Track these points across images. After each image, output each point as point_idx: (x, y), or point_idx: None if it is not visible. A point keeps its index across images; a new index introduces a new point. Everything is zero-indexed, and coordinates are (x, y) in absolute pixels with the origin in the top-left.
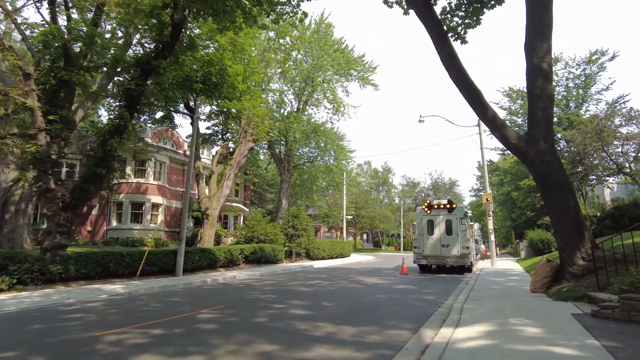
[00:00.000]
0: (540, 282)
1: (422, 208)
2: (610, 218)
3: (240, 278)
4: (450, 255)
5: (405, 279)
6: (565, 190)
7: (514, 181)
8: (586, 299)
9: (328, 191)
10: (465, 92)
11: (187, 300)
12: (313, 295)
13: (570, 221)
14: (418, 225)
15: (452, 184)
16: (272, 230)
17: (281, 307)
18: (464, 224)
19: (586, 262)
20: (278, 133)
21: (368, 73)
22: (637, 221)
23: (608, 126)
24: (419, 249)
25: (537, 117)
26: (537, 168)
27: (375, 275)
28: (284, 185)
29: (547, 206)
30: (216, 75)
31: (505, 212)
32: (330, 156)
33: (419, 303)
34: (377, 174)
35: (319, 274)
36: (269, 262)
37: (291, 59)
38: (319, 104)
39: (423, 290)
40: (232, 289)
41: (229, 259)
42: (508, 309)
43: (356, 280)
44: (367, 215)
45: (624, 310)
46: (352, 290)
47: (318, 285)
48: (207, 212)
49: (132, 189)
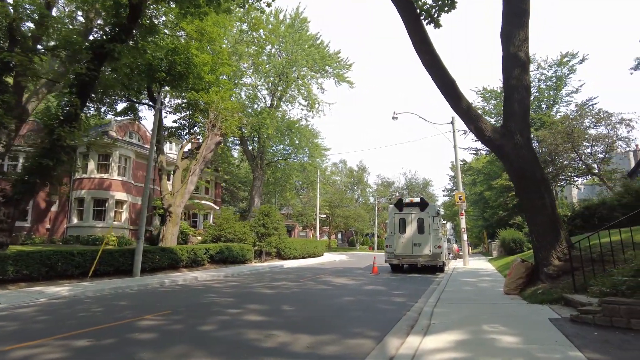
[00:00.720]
0: (514, 283)
1: (394, 206)
2: (581, 218)
3: (202, 279)
4: (422, 254)
5: (376, 279)
6: (542, 186)
7: (486, 181)
8: (562, 301)
9: (302, 190)
10: (438, 81)
11: (134, 304)
12: (275, 298)
13: (546, 219)
14: (390, 224)
15: (425, 183)
16: (240, 229)
17: (236, 312)
18: (436, 222)
19: (562, 262)
20: (250, 129)
21: (343, 70)
22: (606, 220)
23: (578, 127)
24: (390, 247)
25: (514, 109)
26: (512, 163)
27: (345, 276)
28: (257, 183)
29: (523, 203)
30: (181, 65)
31: (477, 211)
32: (305, 154)
33: (386, 306)
34: (352, 173)
35: (287, 274)
36: (236, 262)
37: (265, 53)
38: (294, 101)
39: (392, 291)
40: (189, 292)
41: (193, 259)
42: (481, 314)
43: (324, 281)
44: (342, 215)
45: (605, 315)
46: (318, 292)
47: (283, 287)
48: (170, 209)
49: (95, 185)
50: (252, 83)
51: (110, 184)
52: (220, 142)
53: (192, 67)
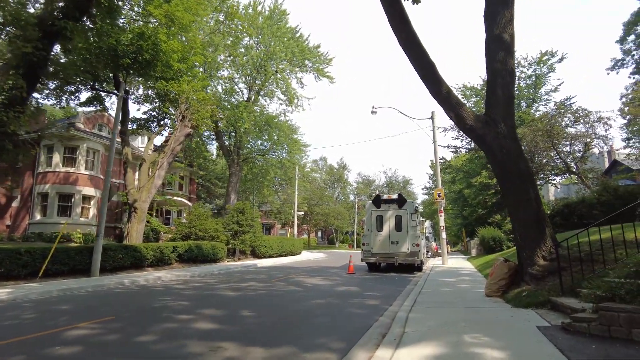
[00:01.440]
0: (496, 284)
1: (372, 202)
2: (560, 216)
3: (165, 279)
4: (399, 252)
5: (350, 279)
6: (527, 180)
7: (466, 179)
8: (549, 305)
9: (282, 187)
10: (416, 64)
11: (77, 308)
12: (236, 301)
13: (531, 216)
14: (367, 221)
15: (405, 182)
16: (213, 227)
17: (187, 318)
18: (415, 219)
19: (547, 262)
20: (226, 123)
21: (323, 65)
22: (586, 218)
23: (557, 125)
24: (367, 246)
25: (497, 96)
26: (495, 154)
27: (319, 275)
28: (233, 179)
29: (506, 198)
30: (148, 51)
31: (456, 209)
32: (284, 150)
33: (358, 310)
34: (332, 170)
35: (258, 274)
36: (207, 261)
37: (242, 45)
38: (272, 95)
39: (366, 292)
40: (145, 294)
41: (159, 258)
42: (461, 321)
43: (296, 281)
44: (321, 212)
45: (602, 324)
46: (286, 294)
47: (249, 288)
48: (135, 205)
49: (60, 179)
50: (229, 75)
51: (77, 178)
52: (190, 134)
53: (161, 54)
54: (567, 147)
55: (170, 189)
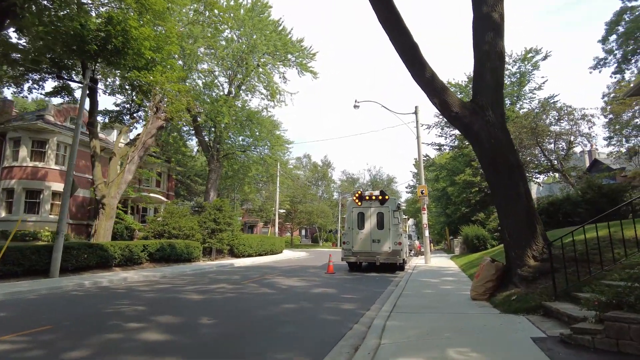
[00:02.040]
0: (483, 287)
1: (353, 199)
2: (546, 213)
3: (132, 280)
4: (381, 251)
5: (329, 279)
6: (516, 173)
7: (449, 177)
8: (541, 310)
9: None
10: (398, 44)
11: (14, 316)
12: (199, 306)
13: (521, 212)
14: (348, 219)
15: (390, 180)
16: (187, 224)
17: (137, 327)
18: (397, 217)
19: (539, 262)
20: (206, 117)
21: (307, 59)
22: (571, 216)
23: (542, 123)
24: (347, 244)
25: (485, 81)
26: (483, 144)
27: (296, 276)
28: (213, 176)
29: (494, 193)
30: (118, 38)
31: (440, 207)
32: (265, 146)
33: (331, 317)
34: (316, 168)
35: (232, 274)
36: (181, 260)
37: (223, 38)
38: (254, 90)
39: (344, 295)
40: (103, 297)
41: (128, 257)
42: (445, 330)
43: (271, 282)
44: (305, 210)
45: (609, 337)
46: (256, 297)
47: (218, 291)
48: (103, 201)
49: (27, 174)
50: (209, 68)
51: (46, 173)
52: (162, 127)
53: (132, 42)
54: (552, 144)
55: (147, 185)
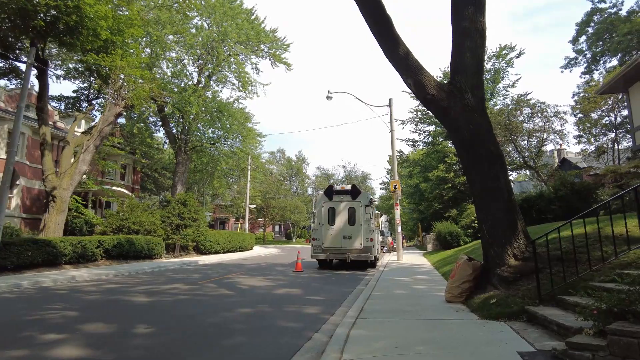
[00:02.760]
0: (458, 288)
1: (324, 193)
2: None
3: (80, 280)
4: (352, 248)
5: (295, 279)
6: (496, 164)
7: (423, 173)
8: (524, 315)
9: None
10: (369, 16)
11: None
12: (141, 311)
13: (501, 207)
14: (318, 214)
15: (364, 177)
16: (149, 219)
17: (56, 338)
18: (369, 212)
19: (520, 261)
20: (173, 107)
21: (280, 50)
22: (544, 213)
23: (515, 120)
24: (317, 241)
25: (464, 60)
26: (461, 131)
27: (262, 274)
28: (180, 169)
29: (472, 186)
30: (71, 16)
31: (413, 204)
32: (236, 139)
33: (291, 323)
34: (290, 163)
35: (192, 273)
36: (141, 257)
37: (192, 25)
38: (226, 81)
39: (309, 296)
40: (35, 300)
41: (81, 254)
42: (418, 341)
43: (232, 282)
44: (278, 206)
45: (615, 354)
46: (210, 300)
47: (170, 292)
48: (54, 193)
49: None
50: (177, 56)
51: None
52: (121, 114)
53: (86, 20)
54: (524, 141)
55: (110, 178)
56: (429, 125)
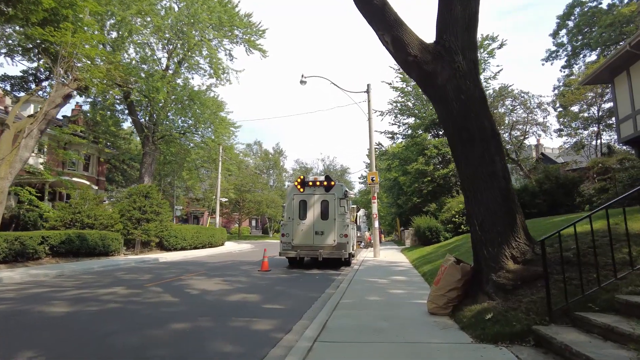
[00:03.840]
0: (444, 297)
1: (295, 185)
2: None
3: (8, 282)
4: (324, 245)
5: (258, 280)
6: (491, 143)
7: (401, 166)
8: (531, 338)
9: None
10: None
11: None
12: (45, 328)
13: (497, 197)
14: (288, 208)
15: (343, 171)
16: (104, 213)
17: None
18: (343, 205)
19: (520, 265)
20: (140, 94)
21: (255, 36)
22: (528, 207)
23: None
24: (287, 237)
25: (454, 15)
26: (449, 102)
27: (221, 275)
28: (147, 160)
29: (462, 171)
30: None
31: (391, 198)
32: (208, 128)
33: (228, 347)
34: (267, 155)
35: (145, 273)
36: (95, 254)
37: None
38: (198, 67)
39: (266, 304)
40: None
41: (19, 251)
42: None
43: (182, 286)
44: (253, 200)
45: None
46: (145, 310)
47: (102, 299)
48: None
49: None
50: (143, 38)
51: None
52: (70, 96)
53: None
54: (507, 134)
55: (72, 168)
56: (408, 117)
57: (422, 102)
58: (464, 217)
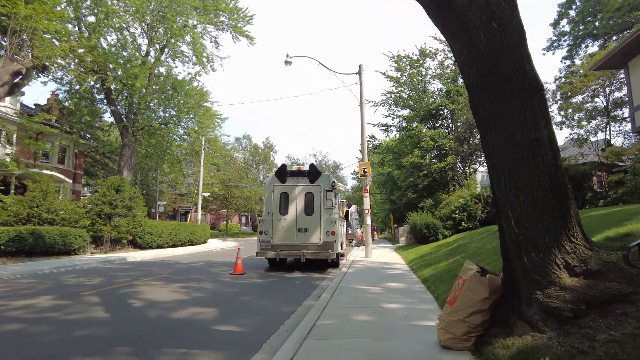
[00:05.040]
0: (463, 324)
1: (274, 175)
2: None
3: None
4: (309, 243)
5: (225, 287)
6: (535, 98)
7: (395, 160)
8: None
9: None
10: None
11: None
12: None
13: (543, 177)
14: (267, 201)
15: (336, 166)
16: (67, 207)
17: None
18: (331, 198)
19: (581, 278)
20: (116, 81)
21: (242, 22)
22: None
23: None
24: (265, 234)
25: None
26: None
27: (184, 280)
28: (126, 152)
29: (490, 138)
30: None
31: (384, 194)
32: (193, 119)
33: None
34: (257, 150)
35: (98, 276)
36: (54, 253)
37: None
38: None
39: (219, 325)
40: None
41: None
42: None
43: (129, 294)
44: (242, 195)
45: None
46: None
47: (9, 315)
48: None
49: None
50: (120, 20)
51: None
52: (20, 73)
53: None
54: None
55: (46, 161)
56: (403, 109)
57: (418, 93)
58: (465, 213)
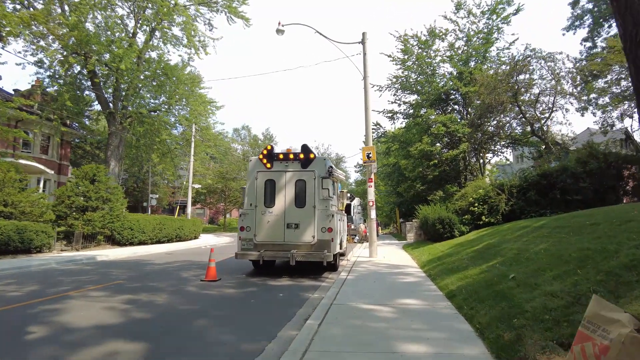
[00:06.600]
0: None
1: (259, 158)
2: (536, 189)
3: None
4: (300, 242)
5: (183, 301)
6: None
7: (402, 149)
8: None
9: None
10: None
11: None
12: None
13: None
14: (249, 190)
15: (339, 159)
16: (28, 200)
17: None
18: (327, 187)
19: None
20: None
21: (237, 2)
22: (570, 193)
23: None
24: (248, 231)
25: None
26: None
27: (138, 290)
28: (114, 141)
29: None
30: None
31: (390, 186)
32: (183, 106)
33: None
34: (256, 142)
35: (38, 283)
36: (9, 251)
37: None
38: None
39: None
40: None
41: None
42: None
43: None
44: (239, 189)
45: None
46: None
47: None
48: None
49: None
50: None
51: None
52: None
53: None
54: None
55: (27, 151)
56: (410, 94)
57: (427, 77)
58: (486, 206)
